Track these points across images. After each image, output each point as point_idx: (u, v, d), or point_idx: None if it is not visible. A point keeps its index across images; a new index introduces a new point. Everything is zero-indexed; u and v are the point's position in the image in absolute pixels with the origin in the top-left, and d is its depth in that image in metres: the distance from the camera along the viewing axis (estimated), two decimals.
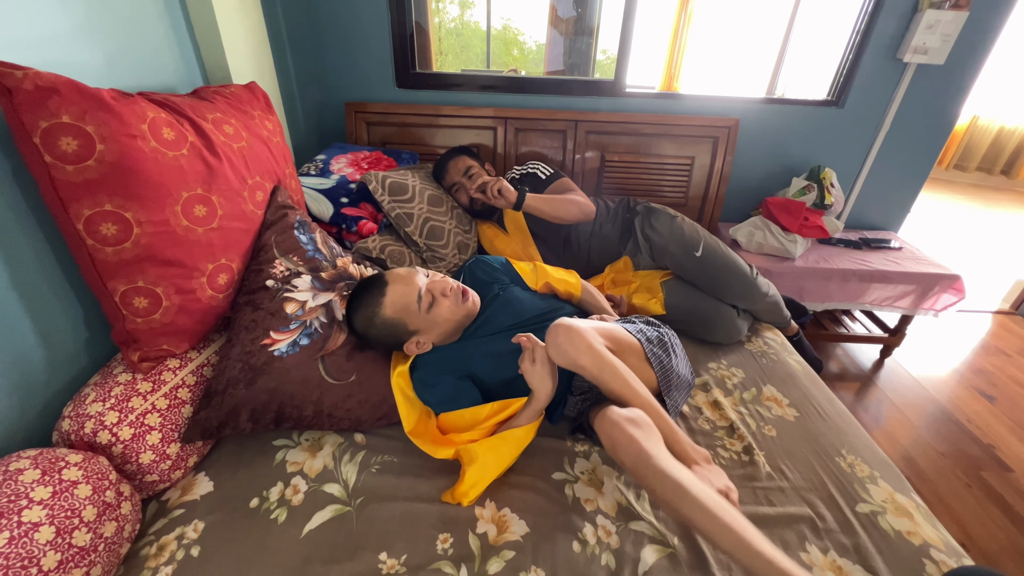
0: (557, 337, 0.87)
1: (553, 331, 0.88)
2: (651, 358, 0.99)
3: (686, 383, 1.07)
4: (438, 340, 1.04)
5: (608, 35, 1.71)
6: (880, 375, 2.04)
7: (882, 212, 2.15)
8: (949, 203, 4.13)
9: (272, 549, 0.78)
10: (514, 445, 0.90)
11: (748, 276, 1.35)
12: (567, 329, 0.87)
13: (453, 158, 1.57)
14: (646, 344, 1.00)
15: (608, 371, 0.86)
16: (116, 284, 0.82)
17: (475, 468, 0.85)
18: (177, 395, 0.89)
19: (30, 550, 0.61)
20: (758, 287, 1.35)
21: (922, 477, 1.55)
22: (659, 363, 0.99)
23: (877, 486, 0.94)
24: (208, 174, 0.91)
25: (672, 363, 1.02)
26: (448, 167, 1.56)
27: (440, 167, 1.58)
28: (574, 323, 0.89)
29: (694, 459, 0.84)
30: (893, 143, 1.97)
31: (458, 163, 1.56)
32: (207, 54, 1.20)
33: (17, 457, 0.69)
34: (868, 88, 1.87)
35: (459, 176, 1.54)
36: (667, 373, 1.00)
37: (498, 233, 1.57)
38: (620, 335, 0.99)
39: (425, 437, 0.94)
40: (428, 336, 1.02)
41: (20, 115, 0.70)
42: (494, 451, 0.87)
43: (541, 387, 0.92)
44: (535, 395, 0.93)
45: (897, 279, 1.84)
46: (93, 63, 0.92)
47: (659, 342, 1.03)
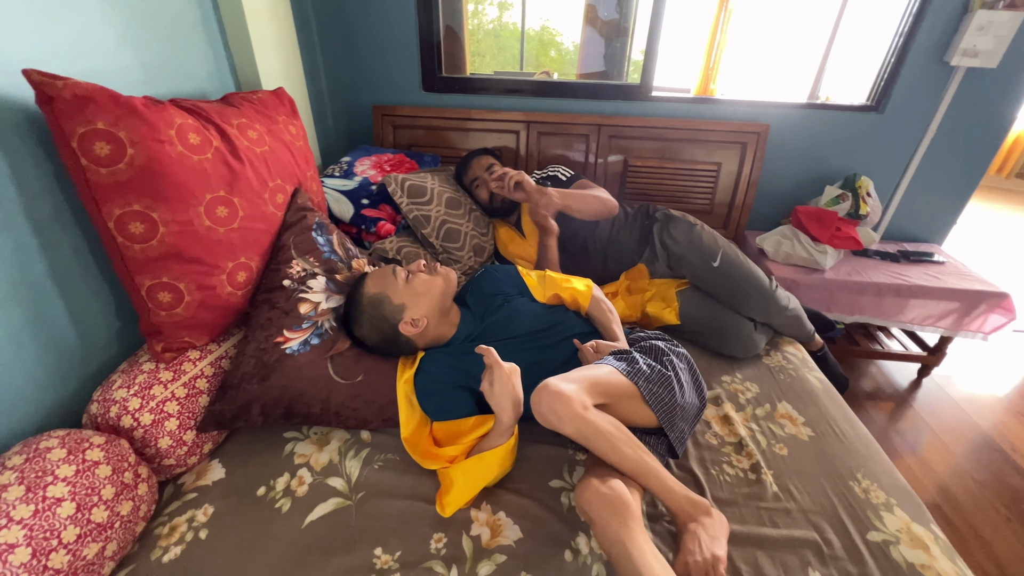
0: (540, 405, 0.82)
1: (537, 395, 0.83)
2: (648, 398, 0.91)
3: (694, 409, 1.01)
4: (433, 317, 1.05)
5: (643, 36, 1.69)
6: (917, 396, 1.93)
7: (925, 224, 2.04)
8: (1009, 215, 3.86)
9: (274, 537, 0.82)
10: (487, 469, 0.87)
11: (766, 289, 1.30)
12: (550, 395, 0.81)
13: (476, 156, 1.60)
14: (644, 385, 0.91)
15: (592, 437, 0.82)
16: (143, 279, 0.87)
17: (453, 492, 0.85)
18: (195, 385, 0.94)
19: (52, 523, 0.67)
20: (776, 300, 1.31)
21: (956, 507, 1.46)
22: (658, 402, 0.92)
23: (893, 514, 0.89)
24: (231, 177, 0.96)
25: (675, 398, 0.94)
26: (471, 163, 1.59)
27: (463, 164, 1.61)
28: (561, 387, 0.81)
29: (691, 515, 0.80)
30: (938, 151, 1.86)
31: (481, 160, 1.58)
32: (239, 61, 1.27)
33: (47, 436, 0.75)
34: (911, 93, 1.77)
35: (481, 171, 1.56)
36: (669, 410, 0.93)
37: (514, 237, 1.58)
38: (613, 386, 0.89)
39: (418, 447, 0.95)
40: (417, 310, 1.02)
41: (60, 121, 0.76)
42: (468, 475, 0.86)
43: (500, 411, 0.87)
44: (497, 418, 0.89)
45: (937, 295, 1.74)
46: (132, 71, 0.99)
47: (660, 379, 0.94)
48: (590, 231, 1.52)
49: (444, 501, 0.86)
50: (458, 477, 0.86)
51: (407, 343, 1.05)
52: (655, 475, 0.83)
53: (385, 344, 1.05)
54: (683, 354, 1.07)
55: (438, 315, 1.07)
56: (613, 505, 0.73)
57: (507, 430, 0.88)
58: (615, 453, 0.82)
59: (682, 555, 0.76)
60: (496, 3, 4.33)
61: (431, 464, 0.92)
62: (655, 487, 0.82)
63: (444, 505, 0.86)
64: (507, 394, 0.86)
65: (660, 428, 0.93)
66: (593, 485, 0.77)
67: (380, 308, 1.01)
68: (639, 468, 0.82)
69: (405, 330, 1.02)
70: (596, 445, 0.82)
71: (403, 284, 1.03)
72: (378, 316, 1.01)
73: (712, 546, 0.76)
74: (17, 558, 0.62)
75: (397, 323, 1.02)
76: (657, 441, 0.95)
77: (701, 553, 0.74)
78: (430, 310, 1.05)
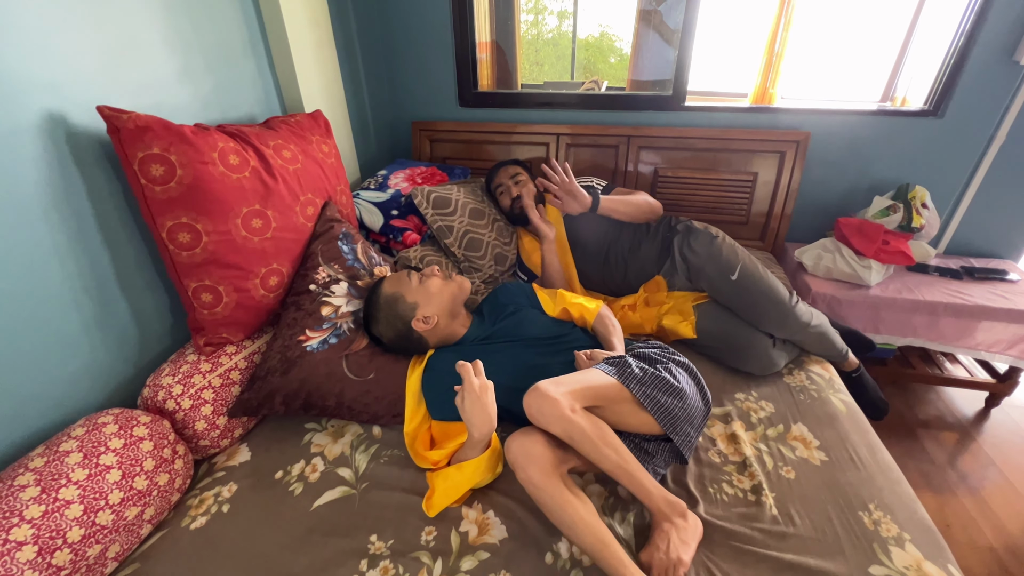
0: (530, 405, 0.87)
1: (528, 397, 0.88)
2: (643, 400, 0.92)
3: (699, 413, 1.00)
4: (443, 316, 1.12)
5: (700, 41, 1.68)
6: (984, 428, 1.75)
7: (997, 238, 1.84)
8: None
9: (284, 516, 0.91)
10: (464, 478, 0.91)
11: (786, 304, 1.25)
12: (540, 397, 0.86)
13: (504, 165, 1.66)
14: (636, 388, 0.93)
15: (577, 438, 0.85)
16: (189, 281, 1.01)
17: (436, 496, 0.90)
18: (230, 376, 1.06)
19: (102, 486, 0.79)
20: (797, 316, 1.25)
21: (1016, 553, 1.31)
22: (655, 405, 0.93)
23: (903, 550, 0.84)
24: (265, 192, 1.08)
25: (674, 401, 0.95)
26: (498, 171, 1.65)
27: (492, 172, 1.67)
28: (548, 389, 0.86)
29: (667, 515, 0.83)
30: (1011, 158, 1.68)
31: (508, 169, 1.64)
32: (284, 85, 1.41)
33: (106, 413, 0.89)
34: (975, 96, 1.62)
35: (506, 179, 1.61)
36: (667, 413, 0.93)
37: (537, 247, 1.62)
38: (603, 388, 0.92)
39: (414, 444, 1.02)
40: (429, 308, 1.10)
41: (124, 148, 0.90)
42: (448, 481, 0.90)
43: (470, 426, 0.89)
44: (468, 431, 0.90)
45: (1005, 317, 1.57)
46: (189, 101, 1.14)
47: (654, 380, 0.95)
48: (612, 240, 1.52)
49: (428, 502, 0.91)
50: (439, 483, 0.91)
51: (419, 340, 1.13)
52: (634, 477, 0.86)
53: (399, 340, 1.12)
54: (682, 362, 1.07)
55: (448, 315, 1.14)
56: (528, 454, 0.84)
57: (477, 444, 0.91)
58: (597, 453, 0.86)
59: (649, 548, 0.81)
60: (556, 13, 4.39)
61: (419, 463, 0.99)
62: (634, 488, 0.86)
63: (430, 506, 0.91)
64: (476, 410, 0.87)
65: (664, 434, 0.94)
66: (517, 439, 0.87)
67: (395, 306, 1.10)
68: (618, 469, 0.86)
69: (417, 326, 1.10)
70: (581, 445, 0.86)
71: (416, 285, 1.12)
72: (393, 314, 1.10)
73: (679, 549, 0.78)
74: (72, 512, 0.75)
75: (410, 320, 1.10)
76: (660, 447, 0.96)
77: (667, 552, 0.78)
78: (440, 309, 1.12)
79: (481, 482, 0.94)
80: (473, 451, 0.92)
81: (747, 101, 1.93)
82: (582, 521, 0.80)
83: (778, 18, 1.91)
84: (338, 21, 1.64)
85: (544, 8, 4.31)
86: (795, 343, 1.31)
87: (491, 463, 0.94)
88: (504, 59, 2.48)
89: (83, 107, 0.90)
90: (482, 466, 0.92)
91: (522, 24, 3.77)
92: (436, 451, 0.98)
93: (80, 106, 0.90)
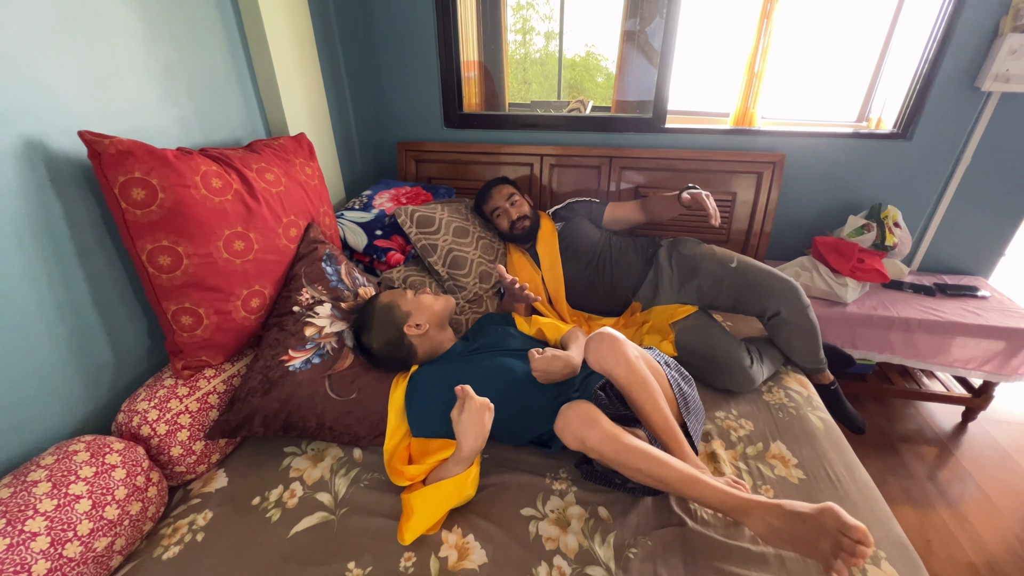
0: (601, 343, 0.94)
1: (597, 337, 0.96)
2: (671, 382, 1.05)
3: (702, 411, 1.12)
4: (433, 326, 1.18)
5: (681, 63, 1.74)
6: (961, 442, 1.78)
7: (968, 256, 1.90)
8: None
9: (260, 544, 0.89)
10: (444, 497, 0.90)
11: (790, 280, 1.33)
12: (611, 337, 0.95)
13: (496, 185, 1.69)
14: (666, 370, 1.06)
15: (638, 384, 0.92)
16: (168, 304, 1.00)
17: (413, 519, 0.88)
18: (208, 400, 1.05)
19: (70, 517, 0.77)
20: (800, 293, 1.32)
21: (995, 569, 1.33)
22: (679, 388, 1.05)
23: (879, 568, 0.84)
24: (247, 215, 1.08)
25: (689, 389, 1.10)
26: (492, 193, 1.67)
27: (483, 194, 1.69)
28: (617, 334, 0.96)
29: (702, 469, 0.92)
30: (977, 179, 1.75)
31: (502, 190, 1.66)
32: (269, 110, 1.43)
33: (77, 441, 0.87)
34: (941, 120, 1.69)
35: (503, 201, 1.64)
36: (686, 399, 1.06)
37: (526, 265, 1.63)
38: (649, 357, 1.06)
39: (393, 460, 1.01)
40: (421, 317, 1.16)
41: (105, 172, 0.90)
42: (426, 502, 0.89)
43: (463, 439, 0.90)
44: (458, 446, 0.92)
45: (976, 333, 1.62)
46: (172, 125, 1.15)
47: (677, 368, 1.12)
48: (602, 247, 1.57)
49: (404, 528, 0.89)
50: (417, 504, 0.89)
51: (408, 348, 1.15)
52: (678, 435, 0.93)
53: (388, 348, 1.14)
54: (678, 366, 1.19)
55: (437, 327, 1.20)
56: (588, 415, 0.86)
57: (465, 459, 0.91)
58: (652, 402, 0.93)
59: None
60: (543, 33, 4.48)
61: (395, 479, 0.98)
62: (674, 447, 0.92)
63: (404, 531, 0.88)
64: (472, 423, 0.89)
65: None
66: (574, 406, 0.88)
67: (390, 313, 1.14)
68: (666, 424, 0.93)
69: (409, 331, 1.14)
70: (639, 392, 0.92)
71: (411, 297, 1.20)
72: (387, 320, 1.14)
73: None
74: (38, 545, 0.73)
75: (403, 325, 1.14)
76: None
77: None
78: (431, 319, 1.18)
79: (460, 502, 0.94)
80: (457, 467, 0.92)
81: (729, 121, 1.99)
82: (664, 462, 0.84)
83: (757, 40, 1.98)
84: (324, 43, 1.67)
85: (531, 29, 4.40)
86: (787, 337, 1.34)
87: (471, 483, 0.93)
88: (491, 78, 2.54)
89: (63, 132, 0.90)
90: (463, 484, 0.91)
91: (510, 44, 3.84)
92: (415, 466, 0.97)
93: (60, 131, 0.90)
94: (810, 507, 0.76)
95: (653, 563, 0.85)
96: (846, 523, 0.71)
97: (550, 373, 1.04)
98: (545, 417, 1.06)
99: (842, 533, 0.71)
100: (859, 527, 0.70)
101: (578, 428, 0.85)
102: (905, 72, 1.76)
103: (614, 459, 0.84)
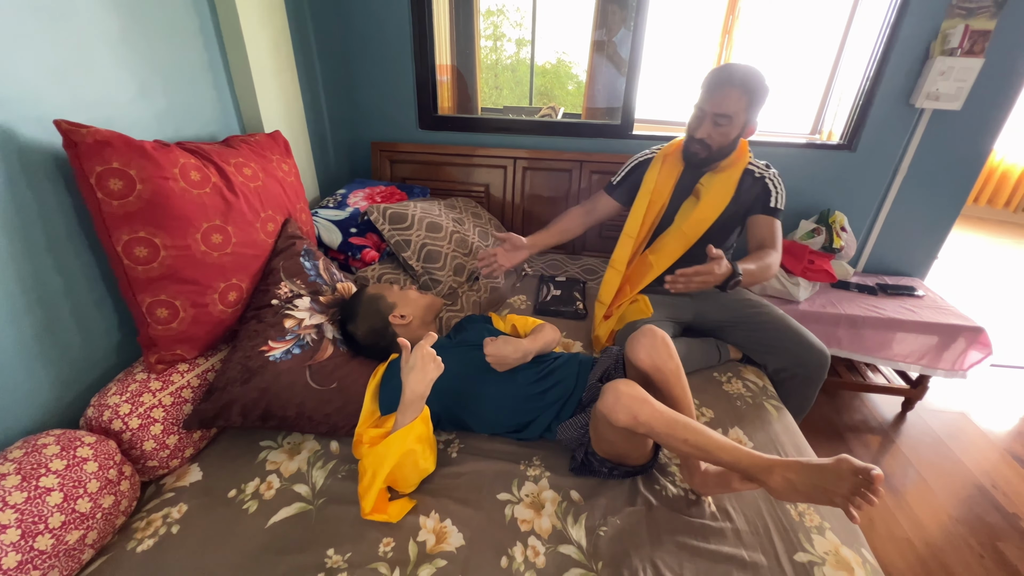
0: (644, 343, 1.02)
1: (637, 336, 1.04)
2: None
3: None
4: (417, 319, 1.23)
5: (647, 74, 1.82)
6: (901, 430, 1.93)
7: (905, 258, 2.07)
8: (1017, 249, 3.81)
9: (237, 535, 0.90)
10: (391, 453, 0.91)
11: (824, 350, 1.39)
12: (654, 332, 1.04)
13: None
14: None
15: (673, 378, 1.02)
16: (144, 296, 0.99)
17: (365, 478, 0.92)
18: (181, 394, 1.04)
19: (41, 509, 0.76)
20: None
21: (929, 543, 1.45)
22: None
23: (824, 537, 0.93)
24: (226, 208, 1.09)
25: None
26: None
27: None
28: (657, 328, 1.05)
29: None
30: (913, 188, 1.91)
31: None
32: (244, 107, 1.42)
33: (46, 434, 0.86)
34: (881, 133, 1.85)
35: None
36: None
37: None
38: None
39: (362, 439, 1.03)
40: (407, 309, 1.22)
41: (82, 162, 0.89)
42: (375, 457, 0.92)
43: (406, 383, 0.94)
44: (404, 388, 0.95)
45: (912, 328, 1.76)
46: (145, 118, 1.14)
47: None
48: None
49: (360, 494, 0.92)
50: (368, 464, 0.92)
51: (392, 337, 1.19)
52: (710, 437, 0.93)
53: (372, 337, 1.18)
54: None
55: (421, 320, 1.25)
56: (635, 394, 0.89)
57: (408, 404, 0.94)
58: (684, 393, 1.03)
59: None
60: (514, 40, 4.55)
61: (356, 450, 1.02)
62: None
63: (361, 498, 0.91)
64: (415, 369, 0.93)
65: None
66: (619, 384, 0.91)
67: (376, 303, 1.21)
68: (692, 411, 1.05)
69: (394, 320, 1.20)
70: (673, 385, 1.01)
71: (398, 291, 1.26)
72: (373, 310, 1.19)
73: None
74: (8, 538, 0.72)
75: (387, 315, 1.20)
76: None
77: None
78: (416, 312, 1.24)
79: (413, 462, 0.95)
80: (404, 416, 0.94)
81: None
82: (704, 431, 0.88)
83: (719, 55, 2.10)
84: (299, 43, 1.68)
85: (503, 35, 4.46)
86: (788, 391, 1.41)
87: (418, 439, 0.95)
88: (464, 83, 2.58)
89: (33, 122, 0.89)
90: (405, 438, 0.92)
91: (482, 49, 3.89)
92: (373, 429, 0.99)
93: (30, 121, 0.88)
94: (825, 459, 0.81)
95: (621, 540, 0.91)
96: (859, 466, 0.76)
97: (501, 356, 1.10)
98: (521, 408, 1.11)
99: (856, 475, 0.75)
100: (871, 467, 0.75)
101: (631, 404, 0.87)
102: (851, 88, 1.91)
103: (664, 431, 0.87)
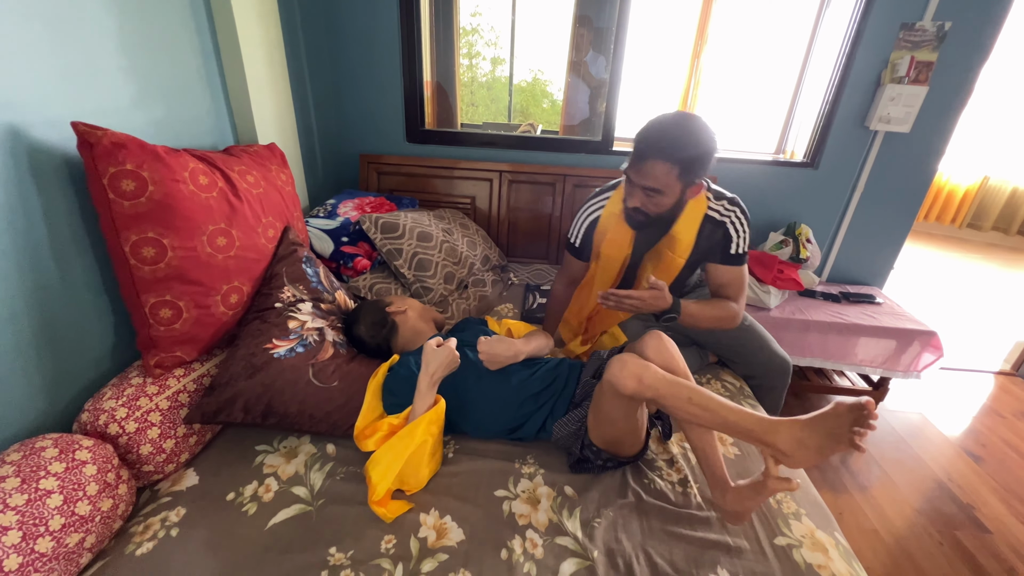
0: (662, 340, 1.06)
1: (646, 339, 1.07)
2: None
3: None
4: (414, 311, 1.31)
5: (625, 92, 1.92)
6: None
7: (865, 268, 2.22)
8: (963, 262, 4.10)
9: (238, 536, 0.90)
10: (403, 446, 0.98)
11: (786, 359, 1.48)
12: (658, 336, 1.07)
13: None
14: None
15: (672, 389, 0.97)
16: (148, 296, 1.00)
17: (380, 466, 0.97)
18: (178, 399, 1.04)
19: (42, 511, 0.76)
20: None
21: (894, 533, 1.55)
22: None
23: (800, 522, 0.99)
24: (231, 212, 1.11)
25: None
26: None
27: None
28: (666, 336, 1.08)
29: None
30: (869, 203, 2.07)
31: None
32: (239, 118, 1.45)
33: (42, 438, 0.85)
34: (840, 152, 2.00)
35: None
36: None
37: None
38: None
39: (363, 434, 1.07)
40: (404, 305, 1.31)
41: (96, 163, 0.91)
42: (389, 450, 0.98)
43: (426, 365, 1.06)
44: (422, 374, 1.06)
45: (872, 333, 1.89)
46: (141, 127, 1.15)
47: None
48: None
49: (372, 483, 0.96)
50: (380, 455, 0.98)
51: (392, 326, 1.25)
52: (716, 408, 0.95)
53: (373, 328, 1.24)
54: None
55: (419, 314, 1.33)
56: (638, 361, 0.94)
57: (424, 389, 1.05)
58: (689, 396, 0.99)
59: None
60: (489, 59, 4.67)
61: (363, 447, 1.05)
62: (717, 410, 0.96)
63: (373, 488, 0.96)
64: (438, 356, 1.06)
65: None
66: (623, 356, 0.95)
67: (376, 303, 1.30)
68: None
69: (391, 310, 1.27)
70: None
71: (397, 294, 1.31)
72: (373, 307, 1.28)
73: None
74: (9, 539, 0.71)
75: (386, 307, 1.28)
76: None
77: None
78: (413, 306, 1.33)
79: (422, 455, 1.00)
80: (421, 402, 1.03)
81: None
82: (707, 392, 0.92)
83: (689, 78, 2.23)
84: (291, 57, 1.71)
85: (478, 54, 4.57)
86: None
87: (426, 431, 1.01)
88: (446, 98, 2.65)
89: (39, 125, 0.90)
90: (413, 432, 0.99)
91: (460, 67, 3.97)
92: (382, 421, 1.05)
93: (39, 124, 0.90)
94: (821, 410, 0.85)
95: (615, 530, 0.95)
96: (852, 403, 0.81)
97: (493, 354, 1.15)
98: (516, 407, 1.15)
99: (852, 411, 0.81)
100: (862, 398, 0.81)
101: (636, 368, 0.92)
102: (812, 111, 2.06)
103: (668, 392, 0.91)
